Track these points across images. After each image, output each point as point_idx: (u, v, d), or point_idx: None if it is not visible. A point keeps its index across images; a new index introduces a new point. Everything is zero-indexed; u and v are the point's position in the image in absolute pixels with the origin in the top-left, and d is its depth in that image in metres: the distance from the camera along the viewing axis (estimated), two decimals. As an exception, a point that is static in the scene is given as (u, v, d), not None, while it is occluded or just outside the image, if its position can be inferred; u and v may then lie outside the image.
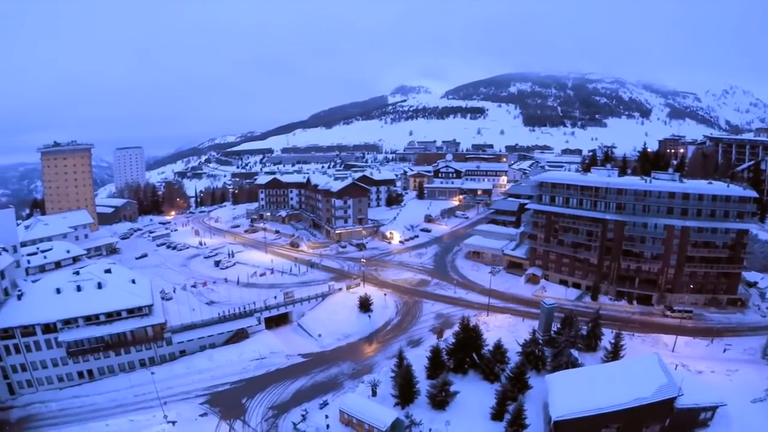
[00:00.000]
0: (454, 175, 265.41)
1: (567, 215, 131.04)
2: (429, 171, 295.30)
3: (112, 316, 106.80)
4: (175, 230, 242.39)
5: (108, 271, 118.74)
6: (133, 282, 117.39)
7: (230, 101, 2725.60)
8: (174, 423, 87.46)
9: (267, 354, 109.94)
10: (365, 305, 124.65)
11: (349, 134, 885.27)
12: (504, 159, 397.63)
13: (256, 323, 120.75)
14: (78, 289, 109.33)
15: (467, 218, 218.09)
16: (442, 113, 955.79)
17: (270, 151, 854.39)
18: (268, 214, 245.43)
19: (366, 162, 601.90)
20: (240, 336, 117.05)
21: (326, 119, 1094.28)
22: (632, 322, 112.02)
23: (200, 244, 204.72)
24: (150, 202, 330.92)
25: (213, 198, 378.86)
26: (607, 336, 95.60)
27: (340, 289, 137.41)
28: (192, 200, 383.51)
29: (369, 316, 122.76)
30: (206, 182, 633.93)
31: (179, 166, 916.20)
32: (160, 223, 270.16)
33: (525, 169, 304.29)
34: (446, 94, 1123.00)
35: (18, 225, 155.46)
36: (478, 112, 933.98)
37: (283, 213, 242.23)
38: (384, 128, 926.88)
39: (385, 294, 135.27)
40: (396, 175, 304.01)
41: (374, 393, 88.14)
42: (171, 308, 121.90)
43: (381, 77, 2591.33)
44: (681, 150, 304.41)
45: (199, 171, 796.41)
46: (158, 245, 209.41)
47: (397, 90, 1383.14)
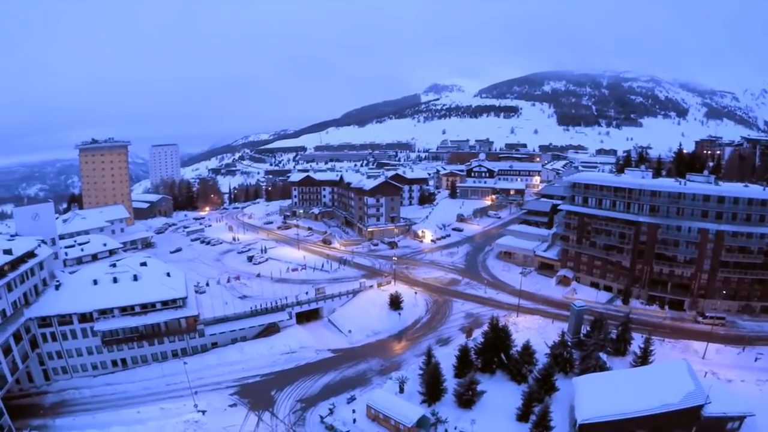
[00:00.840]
0: (487, 175, 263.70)
1: (600, 217, 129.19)
2: (462, 170, 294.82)
3: (147, 308, 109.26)
4: (209, 226, 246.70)
5: (144, 264, 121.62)
6: (168, 275, 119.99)
7: (264, 99, 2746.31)
8: (204, 412, 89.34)
9: (297, 348, 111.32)
10: (396, 303, 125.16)
11: (382, 133, 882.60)
12: (537, 159, 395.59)
13: (287, 318, 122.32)
14: (114, 281, 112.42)
15: (499, 218, 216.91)
16: (476, 112, 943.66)
17: (303, 149, 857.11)
18: (301, 212, 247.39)
19: (399, 160, 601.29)
20: (271, 330, 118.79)
21: (359, 117, 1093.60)
22: (663, 328, 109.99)
23: (234, 240, 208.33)
24: (185, 198, 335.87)
25: (246, 195, 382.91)
26: (637, 341, 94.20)
27: (371, 287, 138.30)
28: (226, 197, 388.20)
29: (399, 314, 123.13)
30: (240, 179, 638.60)
31: (213, 163, 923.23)
32: (195, 219, 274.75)
33: (558, 170, 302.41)
34: (479, 93, 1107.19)
35: (56, 218, 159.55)
36: (512, 111, 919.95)
37: (316, 210, 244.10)
38: (417, 127, 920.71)
39: (416, 292, 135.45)
40: (429, 174, 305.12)
41: (401, 390, 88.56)
42: (204, 301, 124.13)
43: (414, 75, 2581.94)
44: (717, 151, 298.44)
45: (233, 168, 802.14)
46: (192, 240, 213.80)
47: (430, 88, 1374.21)
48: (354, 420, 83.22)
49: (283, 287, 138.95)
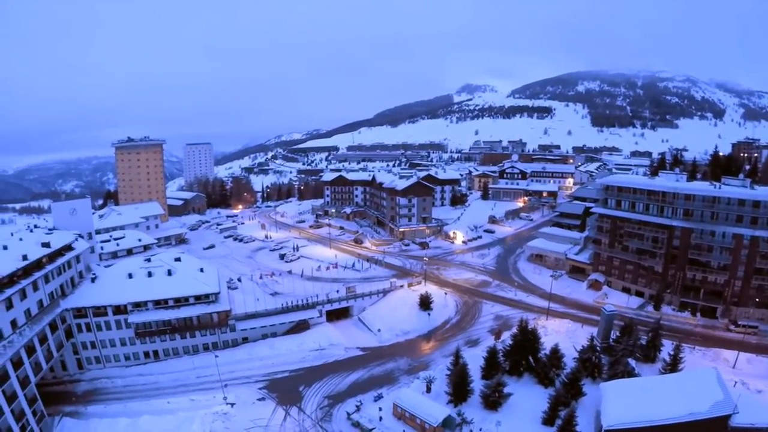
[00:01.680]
0: (520, 176, 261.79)
1: (632, 220, 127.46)
2: (494, 171, 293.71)
3: (180, 302, 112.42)
4: (242, 223, 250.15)
5: (178, 260, 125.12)
6: (202, 270, 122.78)
7: (297, 99, 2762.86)
8: (233, 405, 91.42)
9: (326, 345, 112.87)
10: (425, 303, 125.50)
11: (415, 133, 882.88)
12: (571, 160, 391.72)
13: (318, 315, 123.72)
14: (149, 275, 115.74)
15: (531, 220, 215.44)
16: (508, 112, 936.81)
17: (335, 149, 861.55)
18: (333, 211, 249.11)
19: (431, 161, 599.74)
20: (301, 327, 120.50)
21: (392, 118, 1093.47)
22: (694, 335, 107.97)
23: (266, 238, 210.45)
24: (218, 196, 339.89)
25: (279, 193, 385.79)
26: (667, 347, 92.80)
27: (402, 286, 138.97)
28: (258, 195, 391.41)
29: (428, 314, 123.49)
30: (272, 178, 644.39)
31: (246, 162, 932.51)
32: (228, 216, 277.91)
33: (592, 172, 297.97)
34: (512, 93, 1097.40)
35: (93, 214, 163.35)
36: (545, 112, 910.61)
37: (348, 210, 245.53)
38: (449, 127, 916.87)
39: (446, 293, 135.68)
40: (461, 175, 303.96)
41: (429, 389, 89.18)
42: (236, 297, 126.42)
43: (447, 75, 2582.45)
44: (755, 154, 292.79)
45: (266, 167, 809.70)
46: (225, 237, 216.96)
47: (463, 88, 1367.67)
48: (380, 418, 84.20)
49: (314, 285, 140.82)
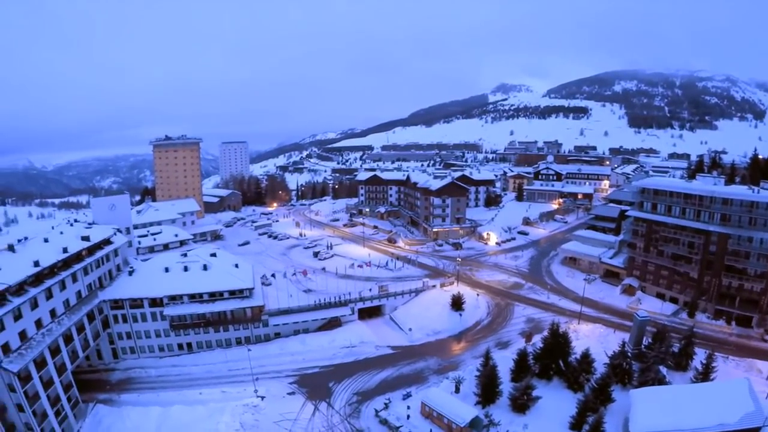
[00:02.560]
0: (555, 178, 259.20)
1: (668, 224, 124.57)
2: (529, 172, 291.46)
3: (215, 296, 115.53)
4: (277, 221, 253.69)
5: (213, 255, 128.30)
6: (236, 266, 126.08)
7: (332, 98, 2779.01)
8: (263, 398, 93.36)
9: (357, 343, 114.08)
10: (457, 304, 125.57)
11: (449, 133, 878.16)
12: (607, 162, 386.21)
13: (350, 313, 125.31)
14: (185, 269, 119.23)
15: (566, 222, 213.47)
16: (544, 113, 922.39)
17: (370, 148, 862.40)
18: (367, 210, 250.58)
19: (465, 161, 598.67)
20: (333, 324, 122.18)
21: (426, 117, 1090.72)
22: (728, 344, 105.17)
23: (300, 236, 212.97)
24: (253, 194, 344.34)
25: (314, 192, 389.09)
26: (700, 356, 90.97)
27: (434, 287, 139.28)
28: (293, 193, 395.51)
29: (460, 315, 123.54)
30: (307, 177, 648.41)
31: (281, 161, 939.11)
32: (263, 214, 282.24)
33: (628, 174, 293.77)
34: (548, 93, 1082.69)
35: (131, 210, 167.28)
36: (581, 112, 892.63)
37: (382, 209, 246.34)
38: (484, 127, 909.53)
39: (478, 294, 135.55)
40: (495, 176, 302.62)
41: (457, 390, 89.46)
42: (270, 293, 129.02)
43: (482, 75, 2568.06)
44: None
45: (301, 166, 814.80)
46: (260, 234, 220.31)
47: (498, 88, 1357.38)
48: (408, 416, 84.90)
49: (347, 283, 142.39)
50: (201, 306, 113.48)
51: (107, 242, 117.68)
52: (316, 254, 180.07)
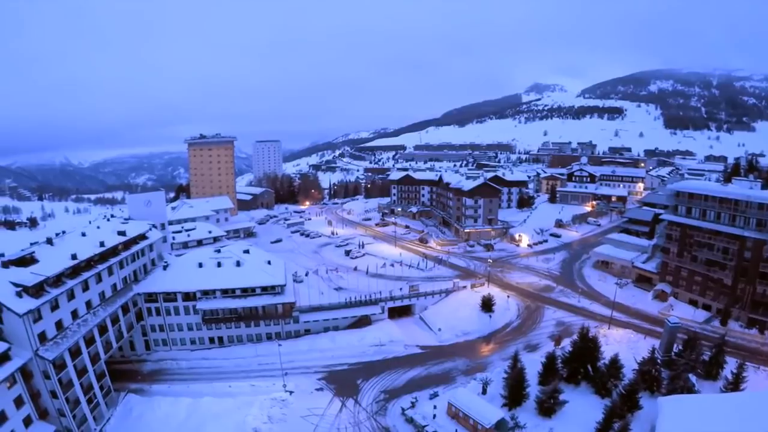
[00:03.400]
0: (588, 180, 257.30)
1: (703, 229, 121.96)
2: (562, 174, 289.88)
3: (247, 292, 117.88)
4: (309, 219, 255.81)
5: (246, 252, 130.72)
6: (269, 263, 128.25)
7: (365, 98, 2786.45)
8: (291, 393, 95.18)
9: (386, 342, 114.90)
10: (487, 305, 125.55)
11: (482, 133, 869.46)
12: (642, 164, 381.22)
13: (380, 312, 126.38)
14: (218, 265, 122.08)
15: (599, 225, 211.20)
16: (578, 113, 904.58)
17: (402, 148, 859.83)
18: (399, 210, 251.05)
19: (498, 162, 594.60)
20: (363, 322, 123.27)
21: (459, 117, 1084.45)
22: (760, 354, 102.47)
23: (332, 234, 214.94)
24: (286, 192, 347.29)
25: (346, 191, 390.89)
26: (731, 365, 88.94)
27: (465, 287, 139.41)
28: (326, 192, 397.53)
29: (490, 317, 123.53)
30: (339, 176, 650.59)
31: (314, 159, 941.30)
32: (295, 212, 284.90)
33: (663, 177, 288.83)
34: (582, 93, 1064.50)
35: (166, 206, 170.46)
36: (616, 113, 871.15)
37: (414, 209, 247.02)
38: (518, 128, 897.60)
39: (508, 296, 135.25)
40: (528, 177, 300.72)
41: (484, 391, 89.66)
42: (301, 290, 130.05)
43: (515, 75, 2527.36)
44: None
45: (333, 165, 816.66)
46: (292, 232, 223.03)
47: (532, 88, 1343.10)
48: (434, 416, 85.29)
49: (378, 282, 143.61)
50: (233, 301, 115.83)
51: (143, 237, 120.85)
52: (348, 253, 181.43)
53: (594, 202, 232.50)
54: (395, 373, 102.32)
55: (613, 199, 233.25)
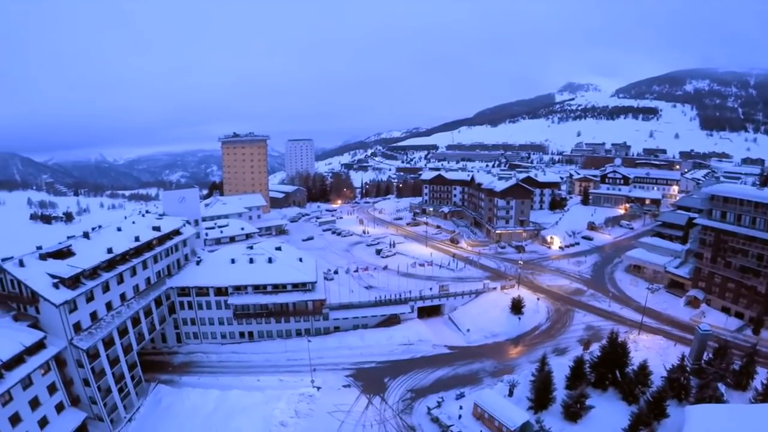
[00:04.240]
0: (622, 182, 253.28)
1: (737, 234, 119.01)
2: (596, 175, 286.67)
3: (278, 288, 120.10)
4: (341, 218, 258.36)
5: (278, 249, 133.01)
6: (300, 260, 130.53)
7: (397, 97, 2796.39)
8: (319, 388, 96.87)
9: (415, 341, 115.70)
10: (517, 307, 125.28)
11: (515, 133, 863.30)
12: (677, 167, 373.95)
13: (409, 311, 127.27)
14: (251, 261, 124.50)
15: (632, 229, 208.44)
16: (612, 113, 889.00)
17: (435, 148, 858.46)
18: (431, 209, 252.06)
19: (531, 162, 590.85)
20: (392, 321, 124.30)
21: (492, 117, 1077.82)
22: None
23: (363, 233, 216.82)
24: (318, 191, 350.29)
25: (378, 190, 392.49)
26: (761, 375, 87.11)
27: (494, 289, 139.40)
28: (357, 191, 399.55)
29: (519, 319, 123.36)
30: (371, 175, 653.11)
31: (346, 158, 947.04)
32: (327, 210, 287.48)
33: (698, 179, 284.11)
34: (616, 93, 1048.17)
35: (199, 203, 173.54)
36: (651, 113, 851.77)
37: (446, 209, 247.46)
38: (551, 128, 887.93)
39: (538, 299, 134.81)
40: (561, 178, 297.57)
41: (511, 393, 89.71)
42: (332, 288, 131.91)
43: (549, 74, 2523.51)
44: None
45: (365, 164, 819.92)
46: (324, 230, 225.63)
47: (565, 87, 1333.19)
48: (459, 416, 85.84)
49: (408, 281, 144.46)
50: (264, 297, 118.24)
51: (176, 233, 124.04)
52: (379, 252, 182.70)
53: (627, 205, 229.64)
54: (422, 373, 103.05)
55: (647, 202, 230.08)
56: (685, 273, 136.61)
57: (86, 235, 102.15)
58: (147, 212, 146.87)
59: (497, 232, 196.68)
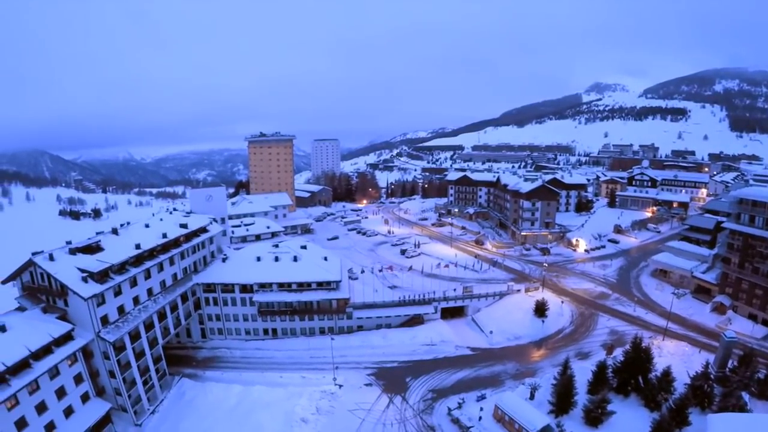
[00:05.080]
0: (649, 184, 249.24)
1: (766, 239, 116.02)
2: (623, 177, 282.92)
3: (303, 286, 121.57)
4: (366, 218, 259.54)
5: (303, 247, 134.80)
6: (325, 259, 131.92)
7: (423, 97, 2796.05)
8: (341, 386, 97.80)
9: (438, 342, 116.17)
10: (541, 310, 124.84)
11: (541, 134, 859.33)
12: (705, 169, 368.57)
13: (433, 311, 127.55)
14: (276, 260, 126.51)
15: (659, 232, 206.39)
16: (640, 114, 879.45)
17: (460, 148, 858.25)
18: (456, 210, 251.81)
19: (557, 164, 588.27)
20: (415, 321, 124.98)
21: (518, 117, 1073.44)
22: None
23: (388, 233, 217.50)
24: (344, 190, 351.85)
25: (403, 190, 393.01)
26: None
27: (519, 291, 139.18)
28: (383, 191, 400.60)
29: (542, 322, 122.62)
30: (397, 175, 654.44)
31: (371, 158, 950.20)
32: (352, 210, 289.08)
33: (727, 182, 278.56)
34: (644, 93, 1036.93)
35: (226, 201, 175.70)
36: (679, 114, 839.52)
37: (471, 210, 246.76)
38: (578, 129, 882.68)
39: (562, 302, 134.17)
40: (588, 180, 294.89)
41: (532, 396, 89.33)
42: (356, 287, 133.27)
43: (575, 74, 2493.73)
44: None
45: (391, 164, 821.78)
46: (349, 230, 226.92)
47: (592, 88, 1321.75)
48: (480, 418, 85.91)
49: (432, 282, 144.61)
50: (289, 295, 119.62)
51: (203, 230, 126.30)
52: (403, 252, 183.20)
53: (654, 208, 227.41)
54: (444, 373, 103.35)
55: (675, 205, 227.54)
56: (712, 278, 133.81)
57: (115, 231, 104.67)
58: (174, 210, 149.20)
59: (522, 234, 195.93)
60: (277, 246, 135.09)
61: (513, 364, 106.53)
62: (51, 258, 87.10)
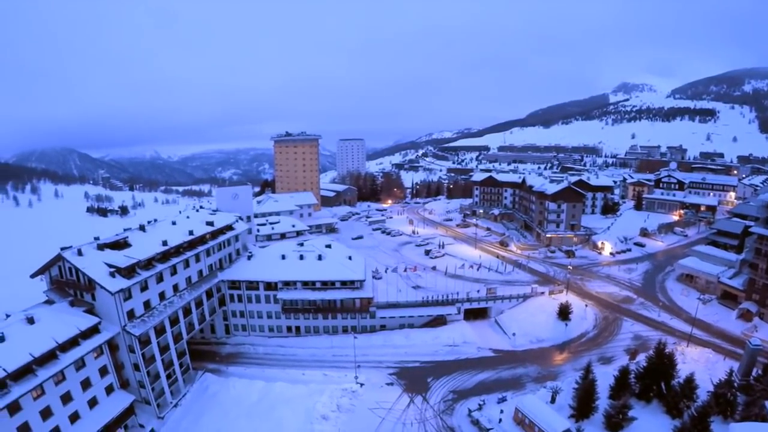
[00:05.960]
0: (677, 187, 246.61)
1: None
2: (650, 180, 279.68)
3: (327, 285, 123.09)
4: (391, 218, 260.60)
5: (328, 246, 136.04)
6: (350, 258, 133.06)
7: (448, 98, 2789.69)
8: (362, 385, 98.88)
9: (460, 343, 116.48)
10: (564, 313, 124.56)
11: (568, 135, 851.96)
12: (734, 172, 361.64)
13: (456, 312, 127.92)
14: (300, 258, 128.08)
15: (686, 236, 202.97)
16: (668, 115, 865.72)
17: (486, 149, 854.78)
18: (481, 211, 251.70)
19: (584, 165, 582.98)
20: (438, 321, 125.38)
21: (544, 118, 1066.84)
22: None
23: (413, 233, 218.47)
24: (368, 190, 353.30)
25: (428, 191, 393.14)
26: None
27: (543, 293, 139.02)
28: (408, 191, 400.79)
29: (566, 325, 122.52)
30: (422, 175, 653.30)
31: (397, 158, 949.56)
32: (377, 210, 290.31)
33: (756, 186, 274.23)
34: (672, 93, 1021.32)
35: (252, 200, 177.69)
36: (708, 115, 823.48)
37: (496, 211, 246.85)
38: (604, 129, 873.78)
39: (586, 305, 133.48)
40: (614, 182, 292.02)
41: (553, 400, 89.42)
42: (379, 286, 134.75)
43: (602, 74, 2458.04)
44: None
45: (416, 164, 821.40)
46: (374, 230, 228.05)
47: (619, 88, 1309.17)
48: (500, 420, 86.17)
49: (456, 283, 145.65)
50: (313, 293, 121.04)
51: (229, 228, 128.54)
52: (428, 252, 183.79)
53: (682, 211, 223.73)
54: (466, 374, 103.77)
55: (702, 209, 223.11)
56: (739, 284, 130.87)
57: (142, 228, 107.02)
58: (201, 207, 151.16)
59: (547, 236, 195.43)
60: (302, 244, 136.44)
61: (535, 367, 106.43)
62: (80, 253, 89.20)
